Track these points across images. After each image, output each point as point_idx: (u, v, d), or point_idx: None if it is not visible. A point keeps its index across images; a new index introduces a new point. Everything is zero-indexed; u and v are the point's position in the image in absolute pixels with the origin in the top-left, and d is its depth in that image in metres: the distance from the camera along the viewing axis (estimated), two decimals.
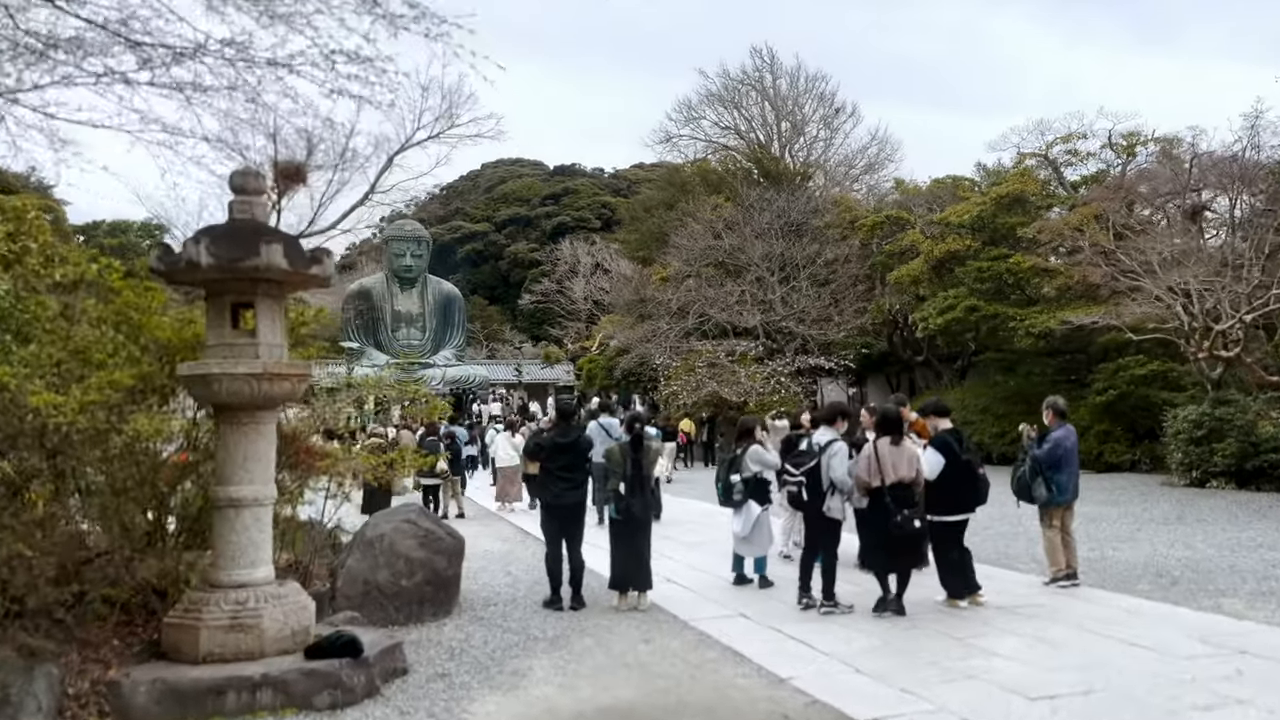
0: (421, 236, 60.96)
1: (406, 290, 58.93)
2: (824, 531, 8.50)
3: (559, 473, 8.72)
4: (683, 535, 13.72)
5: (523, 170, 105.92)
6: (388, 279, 59.25)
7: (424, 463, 13.54)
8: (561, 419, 8.98)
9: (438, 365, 55.43)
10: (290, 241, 6.28)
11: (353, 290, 61.21)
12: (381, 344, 57.09)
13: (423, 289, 59.12)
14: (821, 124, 44.30)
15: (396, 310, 58.77)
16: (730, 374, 29.62)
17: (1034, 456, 9.36)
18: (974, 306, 25.75)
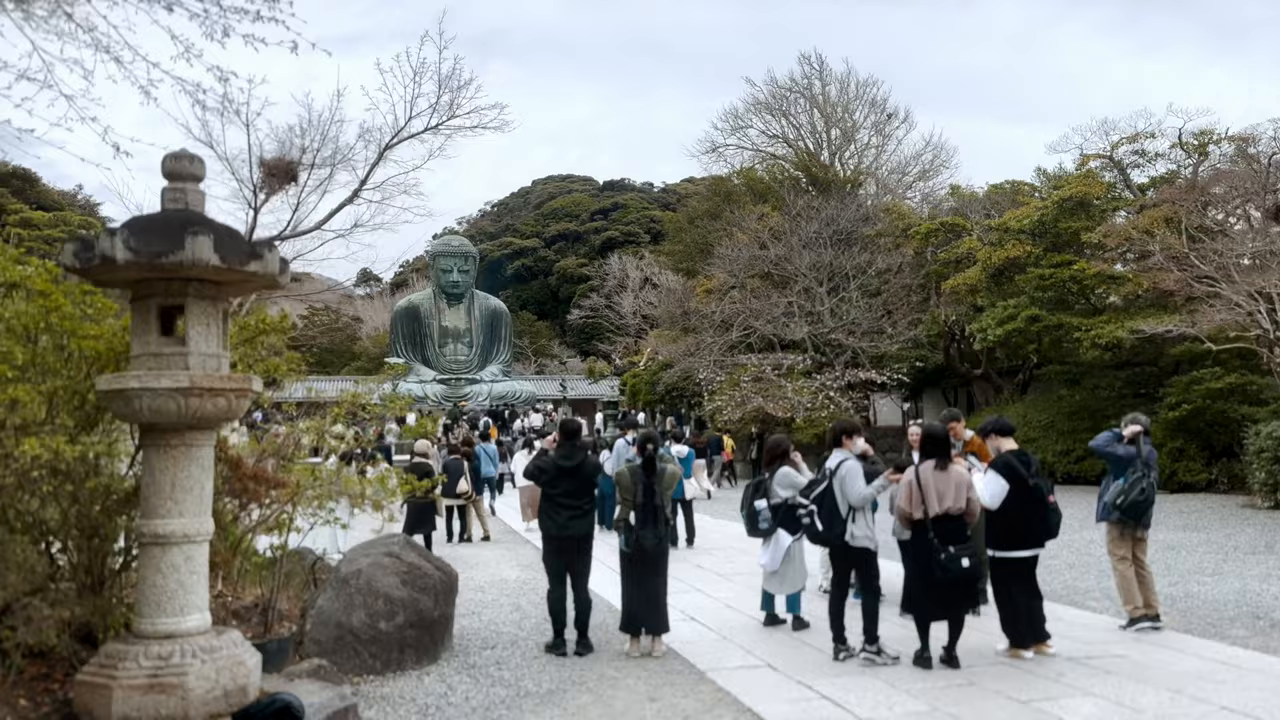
0: (468, 252, 60.70)
1: (453, 306, 58.71)
2: (853, 565, 7.38)
3: (562, 499, 7.72)
4: (715, 564, 12.62)
5: (573, 186, 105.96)
6: (435, 295, 59.09)
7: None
8: (565, 438, 7.98)
9: (484, 381, 55.03)
10: (224, 233, 5.36)
11: (400, 306, 61.19)
12: (429, 360, 56.87)
13: (469, 304, 58.86)
14: (873, 130, 42.99)
15: (444, 326, 58.55)
16: (776, 389, 28.42)
17: (1145, 461, 8.17)
18: (1035, 316, 24.28)
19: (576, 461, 7.76)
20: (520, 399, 51.38)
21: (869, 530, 7.30)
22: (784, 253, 31.90)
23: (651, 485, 7.58)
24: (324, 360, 77.69)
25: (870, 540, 7.29)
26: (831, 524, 7.25)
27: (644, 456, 7.71)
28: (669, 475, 7.73)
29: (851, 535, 7.22)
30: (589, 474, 7.84)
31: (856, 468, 7.34)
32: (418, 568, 7.37)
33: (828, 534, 7.29)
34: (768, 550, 8.43)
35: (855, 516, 7.22)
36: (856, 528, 7.23)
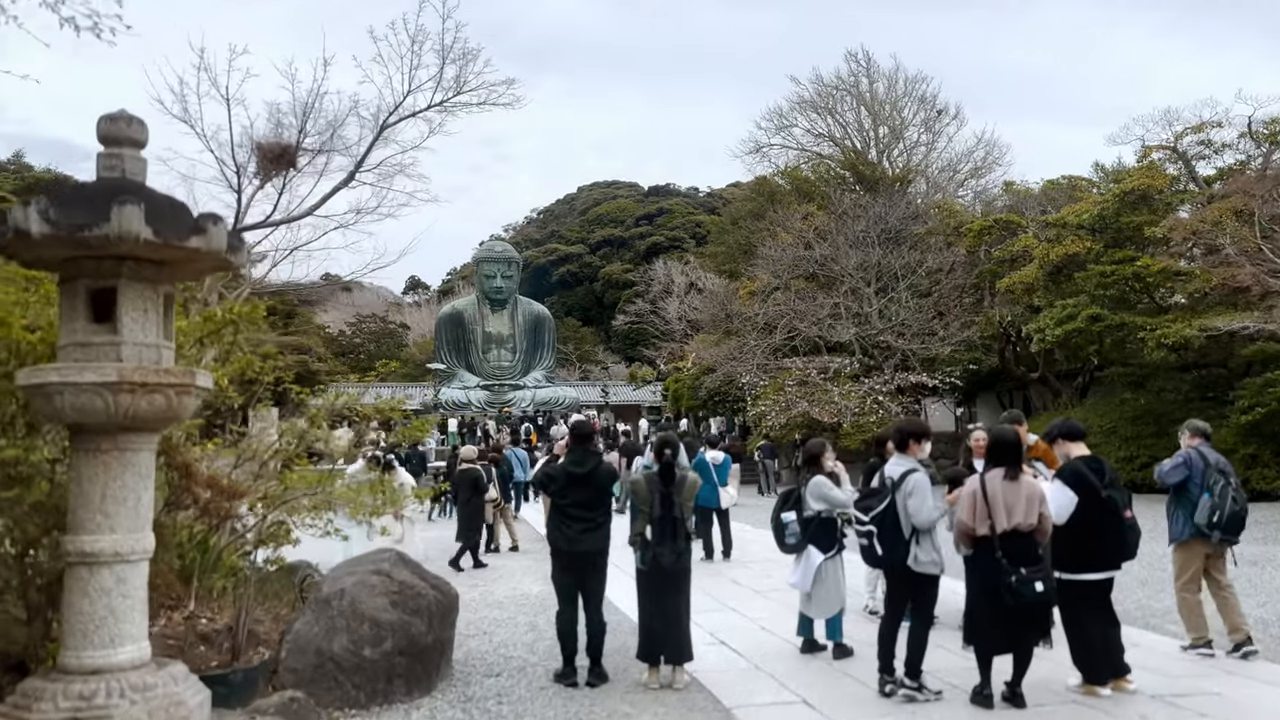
0: (512, 258, 60.38)
1: (497, 312, 58.41)
2: (913, 591, 6.45)
3: (573, 510, 6.90)
4: (752, 579, 11.70)
5: (618, 192, 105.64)
6: (478, 301, 58.85)
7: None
8: (577, 442, 7.16)
9: (527, 387, 54.59)
10: (161, 204, 4.63)
11: (444, 313, 61.05)
12: (472, 366, 56.57)
13: (513, 310, 58.52)
14: (922, 128, 41.70)
15: (487, 332, 58.26)
16: (823, 393, 27.39)
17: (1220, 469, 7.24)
18: (1097, 315, 23.01)
19: (589, 468, 6.94)
20: (563, 405, 50.81)
21: (935, 554, 6.38)
22: (830, 252, 30.86)
23: (670, 495, 6.74)
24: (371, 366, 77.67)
25: (936, 565, 6.38)
26: (894, 547, 6.33)
27: (661, 463, 6.87)
28: (689, 484, 6.87)
29: (915, 559, 6.30)
30: (603, 482, 7.02)
31: (926, 482, 6.41)
32: (410, 587, 6.59)
33: (889, 558, 6.38)
34: (798, 568, 7.53)
35: (920, 538, 6.30)
36: (922, 551, 6.31)
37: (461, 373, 56.12)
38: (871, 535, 6.46)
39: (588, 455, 7.05)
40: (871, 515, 6.48)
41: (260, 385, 7.60)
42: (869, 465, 8.93)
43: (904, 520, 6.29)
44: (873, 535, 6.41)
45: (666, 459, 6.85)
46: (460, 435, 41.43)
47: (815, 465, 7.61)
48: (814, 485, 7.47)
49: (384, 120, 12.45)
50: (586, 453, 7.07)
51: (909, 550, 6.27)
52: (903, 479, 6.38)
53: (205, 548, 7.02)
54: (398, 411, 9.56)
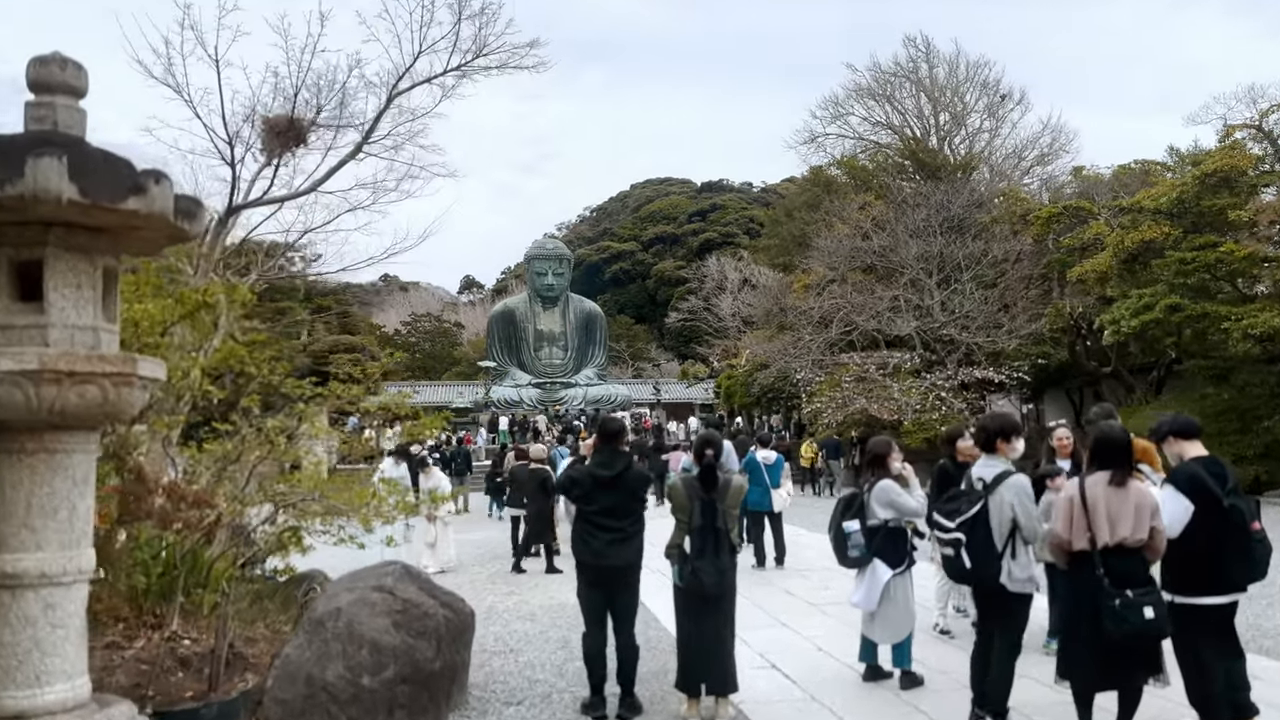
0: (563, 255, 59.92)
1: (549, 309, 57.98)
2: (1004, 613, 5.51)
3: (599, 519, 6.07)
4: (808, 590, 10.76)
5: (670, 189, 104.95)
6: (530, 298, 58.49)
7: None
8: (604, 441, 6.33)
9: (579, 384, 54.02)
10: (92, 157, 3.89)
11: (496, 311, 60.80)
12: (524, 364, 56.18)
13: (564, 307, 58.04)
14: (985, 114, 40.12)
15: (539, 330, 57.85)
16: (882, 389, 26.24)
17: None
18: (1176, 305, 21.59)
19: (617, 470, 6.09)
20: (615, 402, 50.13)
21: (1031, 569, 5.46)
22: (889, 242, 29.66)
23: (712, 502, 5.87)
24: (426, 365, 78.25)
25: (1032, 582, 5.46)
26: (985, 560, 5.40)
27: (702, 465, 6.01)
28: (734, 488, 5.99)
29: (1009, 575, 5.38)
30: (634, 487, 6.17)
31: (1027, 487, 5.49)
32: (416, 606, 5.81)
33: (979, 573, 5.45)
34: (861, 585, 6.60)
35: (1016, 551, 5.37)
36: (1016, 566, 5.38)
37: (513, 371, 55.76)
38: (959, 546, 5.51)
39: (616, 456, 6.20)
40: (959, 522, 5.53)
41: (252, 380, 6.88)
42: (938, 467, 7.97)
43: (997, 529, 5.36)
44: (960, 546, 5.47)
45: (708, 460, 5.98)
46: (511, 434, 40.94)
47: (880, 467, 6.67)
48: (880, 490, 6.54)
49: (394, 86, 11.38)
50: (615, 453, 6.22)
51: (1001, 564, 5.33)
52: (998, 482, 5.45)
53: (195, 559, 6.33)
54: (404, 407, 8.79)
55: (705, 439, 6.20)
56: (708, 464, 5.98)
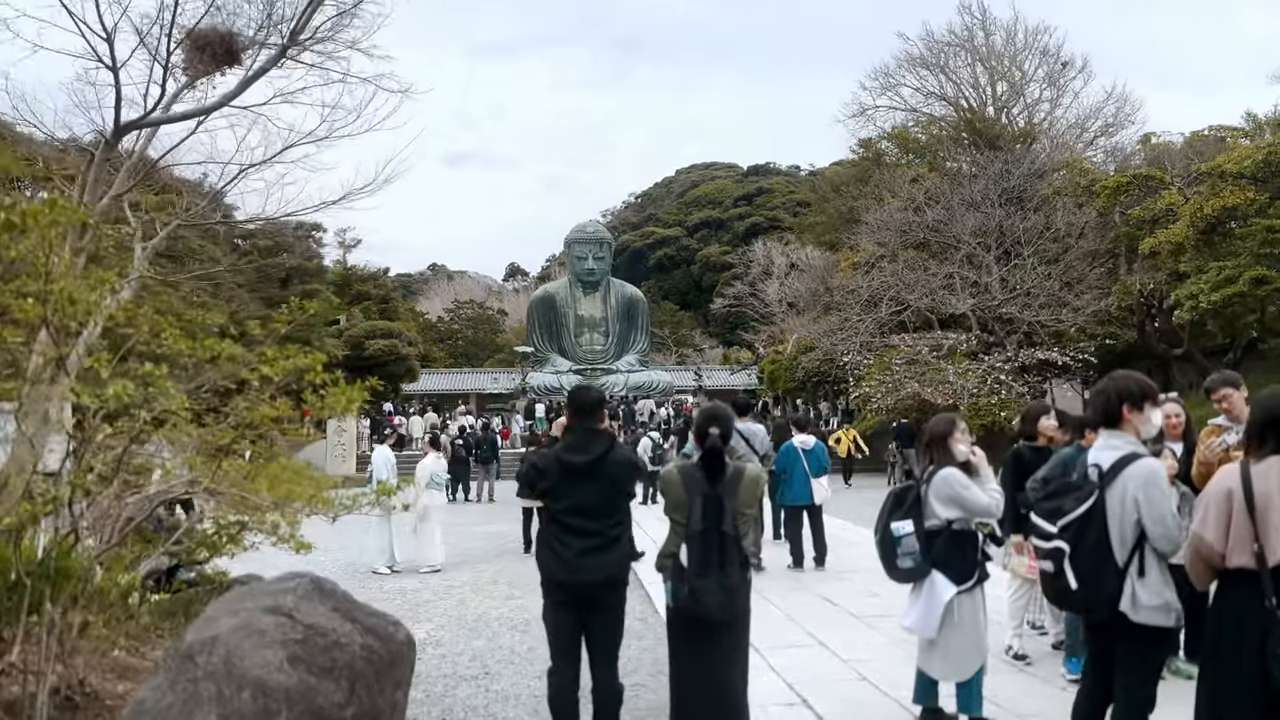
0: (604, 239, 58.58)
1: (589, 294, 56.72)
2: (1127, 655, 3.97)
3: (571, 520, 4.65)
4: (850, 597, 9.22)
5: (716, 173, 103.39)
6: (570, 283, 57.28)
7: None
8: (578, 416, 4.90)
9: (620, 371, 52.67)
10: None
11: (536, 296, 59.72)
12: (565, 350, 55.03)
13: (605, 293, 56.75)
14: (1045, 83, 37.83)
15: (579, 315, 56.64)
16: (935, 372, 24.48)
17: None
18: (1261, 278, 19.66)
19: (593, 455, 4.66)
20: (657, 389, 48.79)
21: (1168, 592, 3.91)
22: (943, 216, 27.79)
23: (718, 498, 4.40)
24: (468, 352, 77.75)
25: (1168, 611, 3.89)
26: (1099, 579, 3.90)
27: (705, 449, 4.54)
28: (748, 480, 4.52)
29: (1134, 601, 3.86)
30: (617, 476, 4.73)
31: (1162, 475, 3.98)
32: (323, 633, 4.42)
33: (1090, 596, 3.95)
34: (916, 604, 5.09)
35: (1146, 566, 3.87)
36: (1145, 588, 3.86)
37: (554, 357, 54.68)
38: (1060, 558, 4.01)
39: (592, 437, 4.75)
40: (1063, 524, 4.04)
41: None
42: (1012, 454, 6.47)
43: (1117, 536, 3.86)
44: (1062, 558, 3.97)
45: (712, 443, 4.51)
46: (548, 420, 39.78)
47: (941, 451, 5.12)
48: (941, 481, 5.01)
49: None
50: (591, 433, 4.78)
51: (1123, 584, 3.83)
52: (1119, 469, 3.93)
53: (66, 561, 5.01)
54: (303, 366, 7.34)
55: (710, 414, 4.73)
56: (712, 447, 4.52)
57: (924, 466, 5.23)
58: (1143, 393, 4.08)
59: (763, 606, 8.76)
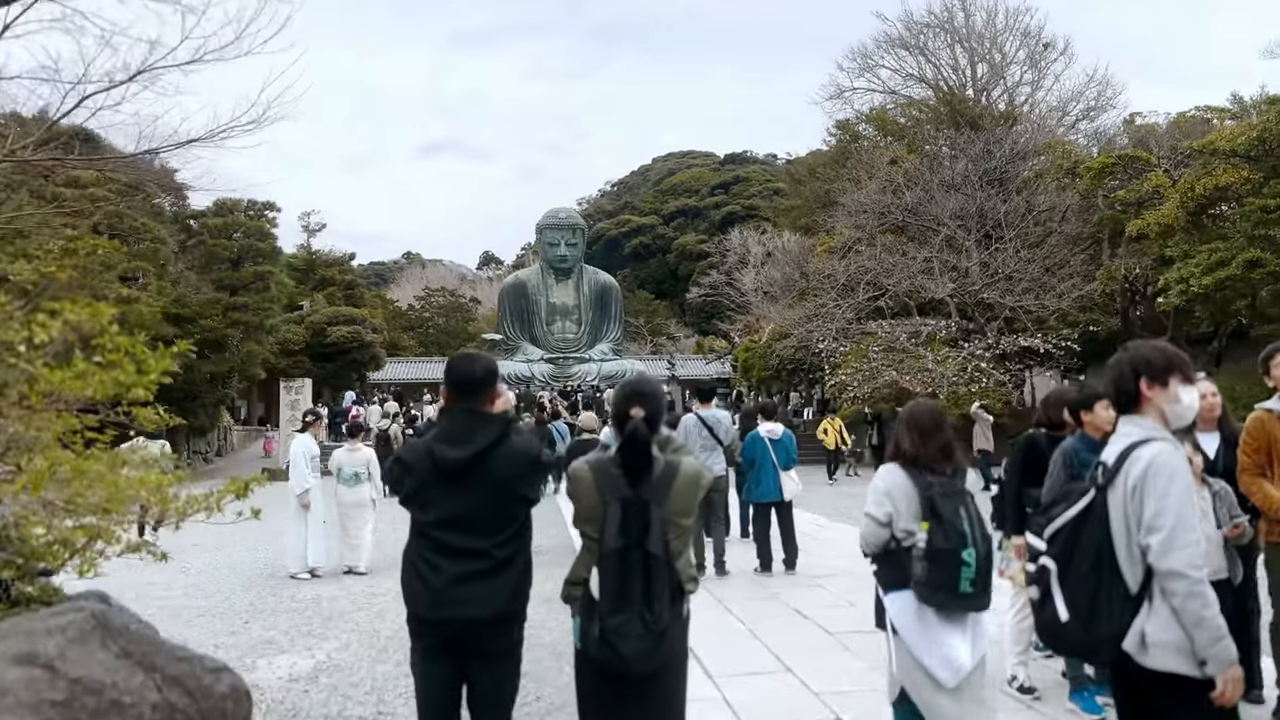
0: (576, 224, 57.23)
1: (562, 281, 55.38)
2: (1144, 706, 2.89)
3: (443, 536, 3.49)
4: (824, 609, 8.11)
5: (693, 161, 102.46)
6: (542, 270, 55.96)
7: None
8: (459, 393, 3.67)
9: (593, 360, 51.44)
10: None
11: (508, 283, 58.32)
12: (536, 338, 53.72)
13: (578, 280, 55.46)
14: (1026, 65, 36.91)
15: (551, 303, 55.30)
16: (914, 359, 23.52)
17: None
18: (1256, 260, 18.76)
19: (477, 448, 3.50)
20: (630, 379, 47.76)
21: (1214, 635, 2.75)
22: (922, 198, 26.79)
23: (643, 505, 3.26)
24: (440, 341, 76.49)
25: (1188, 654, 2.77)
26: (1093, 607, 2.84)
27: (626, 439, 3.39)
28: (684, 481, 3.37)
29: (1141, 641, 2.81)
30: (510, 476, 3.55)
31: (1173, 459, 2.86)
32: (98, 690, 3.24)
33: (1082, 631, 2.88)
34: (954, 638, 3.93)
35: (1168, 588, 2.77)
36: (1154, 621, 2.80)
37: (525, 345, 53.41)
38: (1047, 578, 2.95)
39: (476, 423, 3.57)
40: (1050, 533, 3.01)
41: None
42: (1025, 441, 5.40)
43: (1124, 550, 2.83)
44: (1049, 578, 2.91)
45: (634, 429, 3.37)
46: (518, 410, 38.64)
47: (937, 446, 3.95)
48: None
49: None
50: (473, 418, 3.59)
51: (1129, 616, 2.79)
52: (1126, 456, 2.89)
53: None
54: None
55: (633, 389, 3.57)
56: (634, 435, 3.37)
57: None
58: (1166, 365, 3.01)
59: (723, 619, 7.66)
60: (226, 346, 29.05)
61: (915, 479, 3.80)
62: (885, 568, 3.90)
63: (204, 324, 27.66)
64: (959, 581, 3.62)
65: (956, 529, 3.65)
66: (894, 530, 3.82)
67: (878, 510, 3.84)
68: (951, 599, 3.65)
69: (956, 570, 3.62)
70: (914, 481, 3.79)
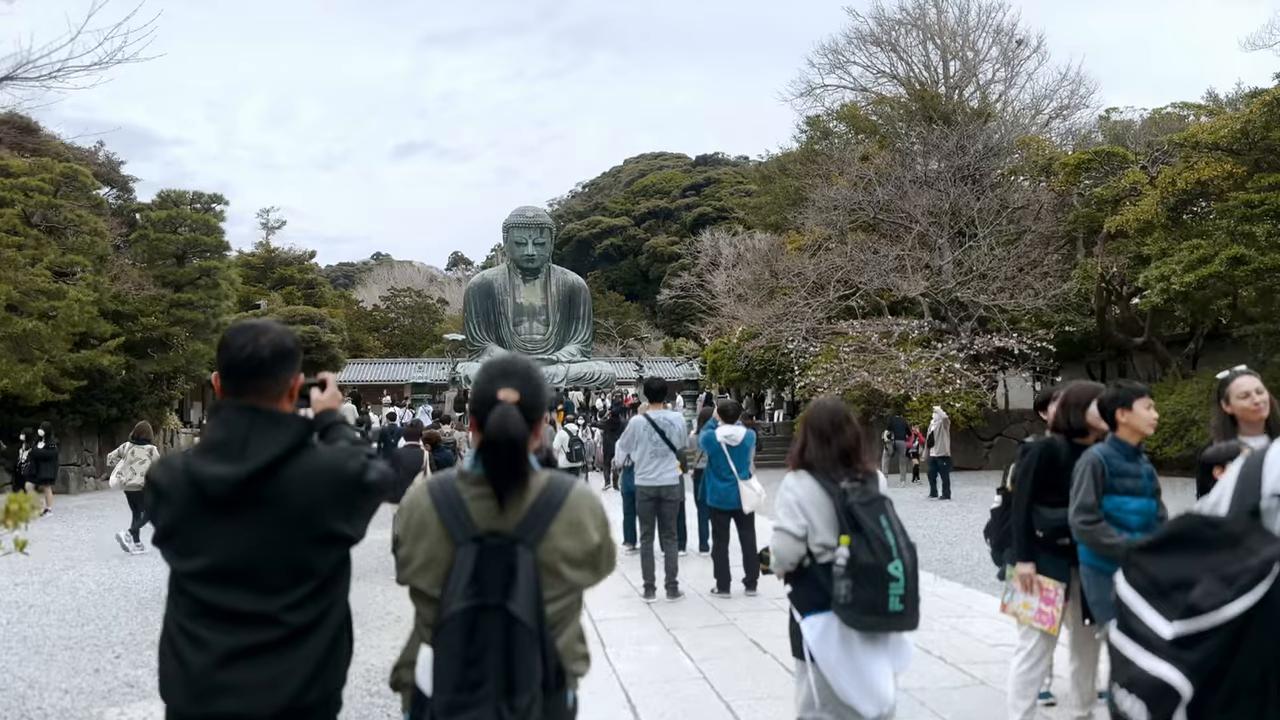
0: (544, 223, 56.19)
1: (529, 281, 54.32)
2: None
3: (206, 592, 2.36)
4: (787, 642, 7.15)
5: (665, 163, 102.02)
6: (509, 270, 54.86)
7: None
8: (235, 382, 2.46)
9: (561, 361, 50.41)
10: None
11: (473, 283, 57.19)
12: (503, 339, 52.62)
13: (546, 280, 54.42)
14: (999, 62, 36.33)
15: (518, 303, 54.22)
16: (885, 360, 22.69)
17: None
18: (1240, 257, 18.01)
19: (258, 463, 2.36)
20: (598, 380, 46.72)
21: None
22: (894, 195, 26.01)
23: (507, 546, 2.26)
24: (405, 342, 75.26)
25: None
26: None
27: (494, 434, 2.31)
28: (572, 509, 2.32)
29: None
30: (309, 506, 2.39)
31: None
32: None
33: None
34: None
35: None
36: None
37: (491, 346, 52.27)
38: (1170, 702, 1.79)
39: (257, 426, 2.43)
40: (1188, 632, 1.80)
41: None
42: (1042, 446, 4.47)
43: None
44: (1175, 704, 1.78)
45: (505, 420, 2.26)
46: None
47: None
48: None
49: None
50: (251, 418, 2.44)
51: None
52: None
53: None
54: None
55: (499, 368, 2.47)
56: (503, 426, 2.32)
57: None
58: None
59: (669, 656, 6.68)
60: (171, 345, 27.75)
61: (827, 487, 3.50)
62: (801, 588, 3.57)
63: (145, 321, 26.40)
64: (888, 599, 3.33)
65: (881, 541, 3.36)
66: (809, 544, 3.51)
67: (792, 523, 3.52)
68: (883, 620, 3.36)
69: (884, 587, 3.32)
70: (826, 490, 3.50)
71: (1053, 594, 4.36)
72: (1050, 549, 4.39)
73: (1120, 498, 4.10)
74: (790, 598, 3.66)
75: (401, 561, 2.39)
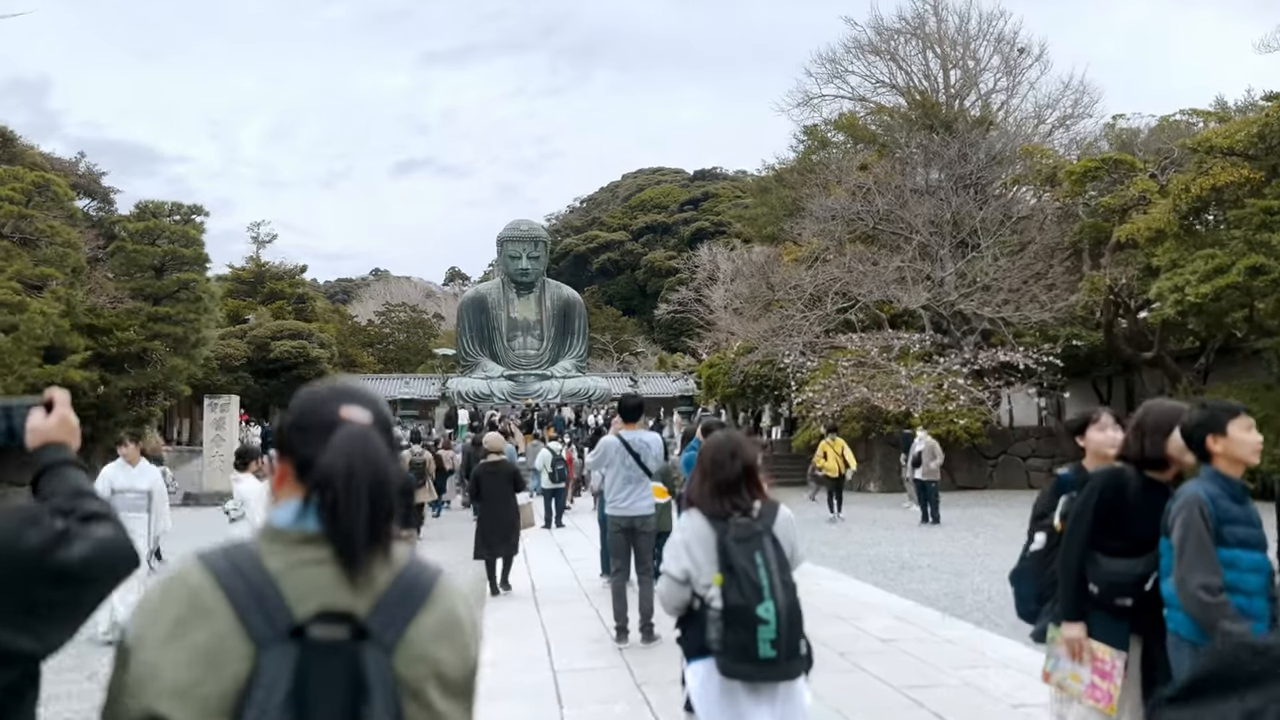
0: (539, 237, 55.42)
1: (523, 296, 53.52)
2: None
3: None
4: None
5: (662, 177, 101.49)
6: (504, 284, 54.05)
7: None
8: None
9: (555, 376, 49.51)
10: None
11: (467, 297, 56.42)
12: (497, 354, 51.75)
13: (540, 294, 53.59)
14: (1001, 71, 35.57)
15: (513, 318, 53.40)
16: (885, 375, 21.78)
17: None
18: (1259, 267, 17.16)
19: None
20: (593, 396, 45.82)
21: None
22: (894, 204, 25.17)
23: (346, 654, 1.31)
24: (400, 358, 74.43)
25: None
26: None
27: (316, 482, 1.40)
28: (446, 609, 1.38)
29: None
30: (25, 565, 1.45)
31: None
32: None
33: None
34: None
35: None
36: None
37: (484, 361, 51.41)
38: None
39: None
40: None
41: None
42: (1106, 479, 3.49)
43: None
44: None
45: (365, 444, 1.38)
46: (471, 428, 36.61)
47: None
48: None
49: None
50: None
51: None
52: None
53: None
54: None
55: (341, 388, 1.57)
56: (353, 471, 1.39)
57: None
58: None
59: (638, 715, 5.76)
60: (148, 360, 26.85)
61: (714, 525, 3.32)
62: (689, 631, 3.40)
63: (121, 335, 25.52)
64: (757, 644, 3.12)
65: (750, 580, 3.18)
66: (695, 587, 3.33)
67: (674, 566, 3.37)
68: (755, 668, 3.16)
69: (753, 630, 3.13)
70: (713, 528, 3.32)
71: (1109, 666, 3.43)
72: (1106, 608, 3.44)
73: (1232, 551, 3.19)
74: (679, 643, 3.45)
75: (130, 684, 1.43)
